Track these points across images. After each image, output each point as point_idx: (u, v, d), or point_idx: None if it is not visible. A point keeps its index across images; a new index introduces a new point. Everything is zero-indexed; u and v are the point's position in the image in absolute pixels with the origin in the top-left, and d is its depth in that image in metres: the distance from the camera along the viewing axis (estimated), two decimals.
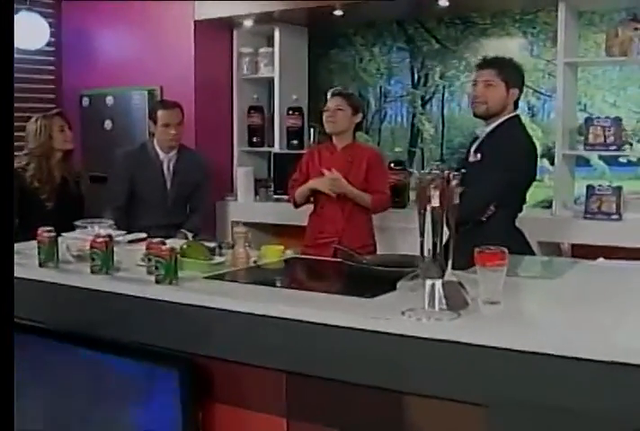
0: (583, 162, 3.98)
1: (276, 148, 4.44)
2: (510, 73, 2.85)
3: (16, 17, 4.33)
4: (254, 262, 2.39)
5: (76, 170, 3.81)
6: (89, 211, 3.84)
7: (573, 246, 3.70)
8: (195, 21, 4.24)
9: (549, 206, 3.87)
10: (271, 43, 4.56)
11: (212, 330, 1.92)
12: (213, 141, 4.41)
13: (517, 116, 2.90)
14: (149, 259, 2.18)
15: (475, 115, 2.98)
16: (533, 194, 3.30)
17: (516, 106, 2.91)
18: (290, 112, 4.40)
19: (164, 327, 1.99)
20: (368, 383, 1.71)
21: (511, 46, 4.22)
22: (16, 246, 2.48)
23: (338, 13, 4.09)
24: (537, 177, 3.07)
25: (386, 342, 1.66)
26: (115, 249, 2.26)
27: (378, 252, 3.52)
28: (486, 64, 2.92)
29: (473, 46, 4.35)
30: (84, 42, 4.74)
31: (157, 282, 2.04)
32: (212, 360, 1.92)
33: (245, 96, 4.59)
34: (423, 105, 4.54)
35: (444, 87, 4.47)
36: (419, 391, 1.65)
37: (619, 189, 3.61)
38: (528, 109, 4.19)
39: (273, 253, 2.55)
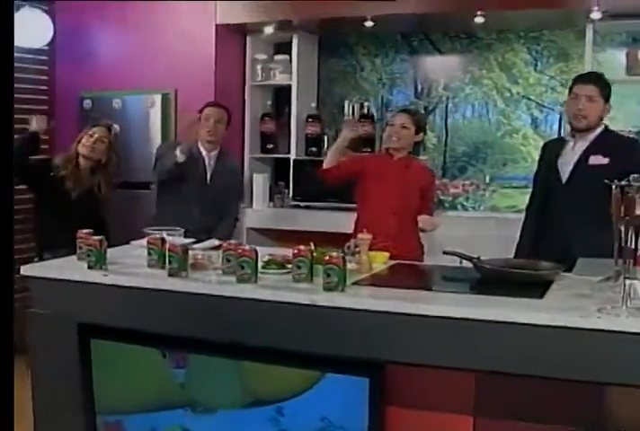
0: None
1: (292, 155, 4.46)
2: (606, 88, 2.98)
3: (17, 14, 4.12)
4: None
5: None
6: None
7: None
8: (217, 25, 4.19)
9: None
10: (280, 50, 4.59)
11: (405, 336, 1.97)
12: (227, 148, 4.34)
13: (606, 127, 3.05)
14: (298, 267, 2.19)
15: (576, 129, 3.03)
16: None
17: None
18: (310, 120, 4.45)
19: (346, 335, 2.02)
20: (574, 378, 1.83)
21: (515, 61, 4.48)
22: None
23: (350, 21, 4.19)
24: None
25: (595, 338, 1.81)
26: None
27: None
28: (588, 80, 3.02)
29: (477, 59, 4.57)
30: (81, 41, 4.53)
31: (330, 289, 2.07)
32: (397, 365, 1.98)
33: (256, 103, 4.58)
34: (426, 115, 4.71)
35: (447, 98, 4.66)
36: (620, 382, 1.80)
37: None
38: (532, 121, 4.47)
39: (380, 259, 2.63)
